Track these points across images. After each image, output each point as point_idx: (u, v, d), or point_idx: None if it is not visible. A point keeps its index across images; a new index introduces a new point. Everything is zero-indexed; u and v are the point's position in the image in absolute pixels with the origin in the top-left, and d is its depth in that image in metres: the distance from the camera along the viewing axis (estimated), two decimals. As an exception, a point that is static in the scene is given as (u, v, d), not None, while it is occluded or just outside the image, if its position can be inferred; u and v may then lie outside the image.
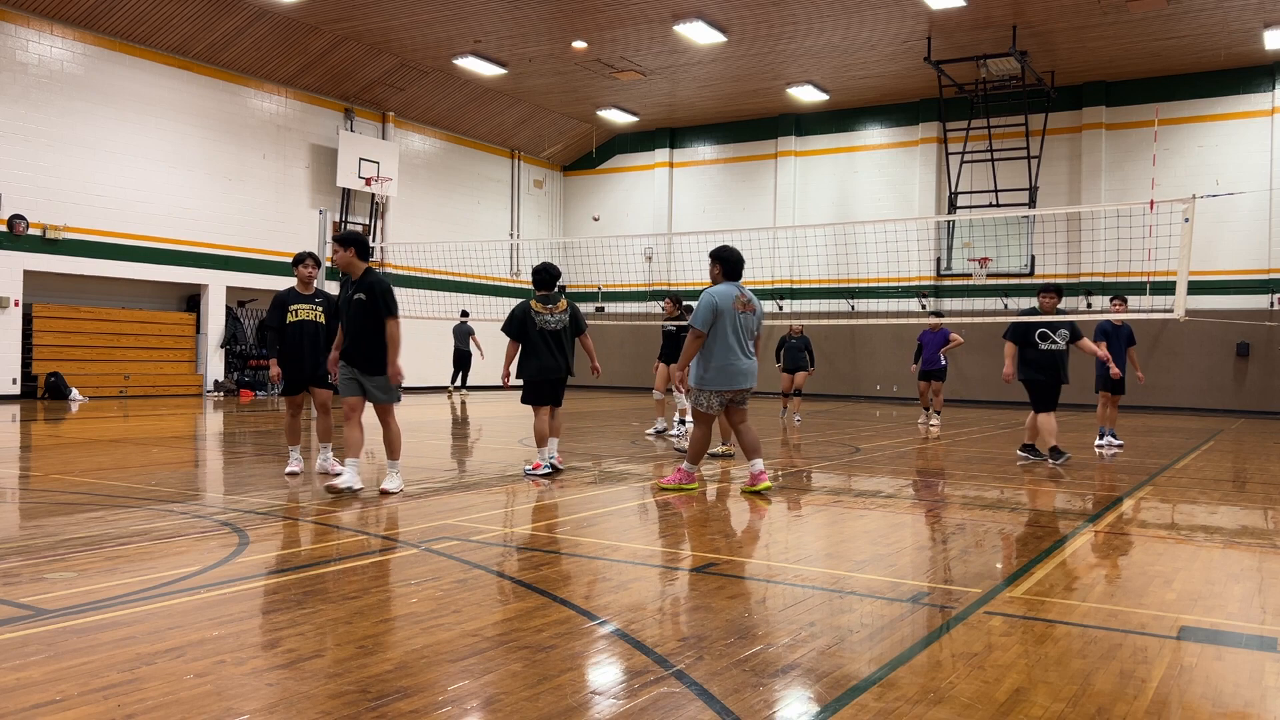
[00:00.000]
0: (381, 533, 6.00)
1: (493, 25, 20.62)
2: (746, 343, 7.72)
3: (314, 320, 8.50)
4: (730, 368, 7.61)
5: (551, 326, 8.71)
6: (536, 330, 8.68)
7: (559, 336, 8.74)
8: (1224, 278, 22.26)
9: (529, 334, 8.69)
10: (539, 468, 8.71)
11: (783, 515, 6.99)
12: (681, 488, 7.87)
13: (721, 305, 7.61)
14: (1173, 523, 6.91)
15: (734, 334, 7.61)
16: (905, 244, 22.45)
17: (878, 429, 15.55)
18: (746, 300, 7.77)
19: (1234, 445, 13.63)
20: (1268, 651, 3.79)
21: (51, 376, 18.81)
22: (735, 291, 7.71)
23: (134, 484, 7.71)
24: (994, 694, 3.23)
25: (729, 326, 7.60)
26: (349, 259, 7.43)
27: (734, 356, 7.61)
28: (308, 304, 8.52)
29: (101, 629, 3.79)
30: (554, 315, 8.73)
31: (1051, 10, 19.10)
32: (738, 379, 7.66)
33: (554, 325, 8.72)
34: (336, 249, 7.53)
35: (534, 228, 30.03)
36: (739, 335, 7.64)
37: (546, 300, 8.75)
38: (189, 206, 20.92)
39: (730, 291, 7.69)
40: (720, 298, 7.63)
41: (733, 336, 7.60)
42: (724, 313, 7.60)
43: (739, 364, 7.64)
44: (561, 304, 8.81)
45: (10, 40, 18.02)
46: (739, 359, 7.64)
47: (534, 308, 8.72)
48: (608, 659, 3.61)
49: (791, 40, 21.22)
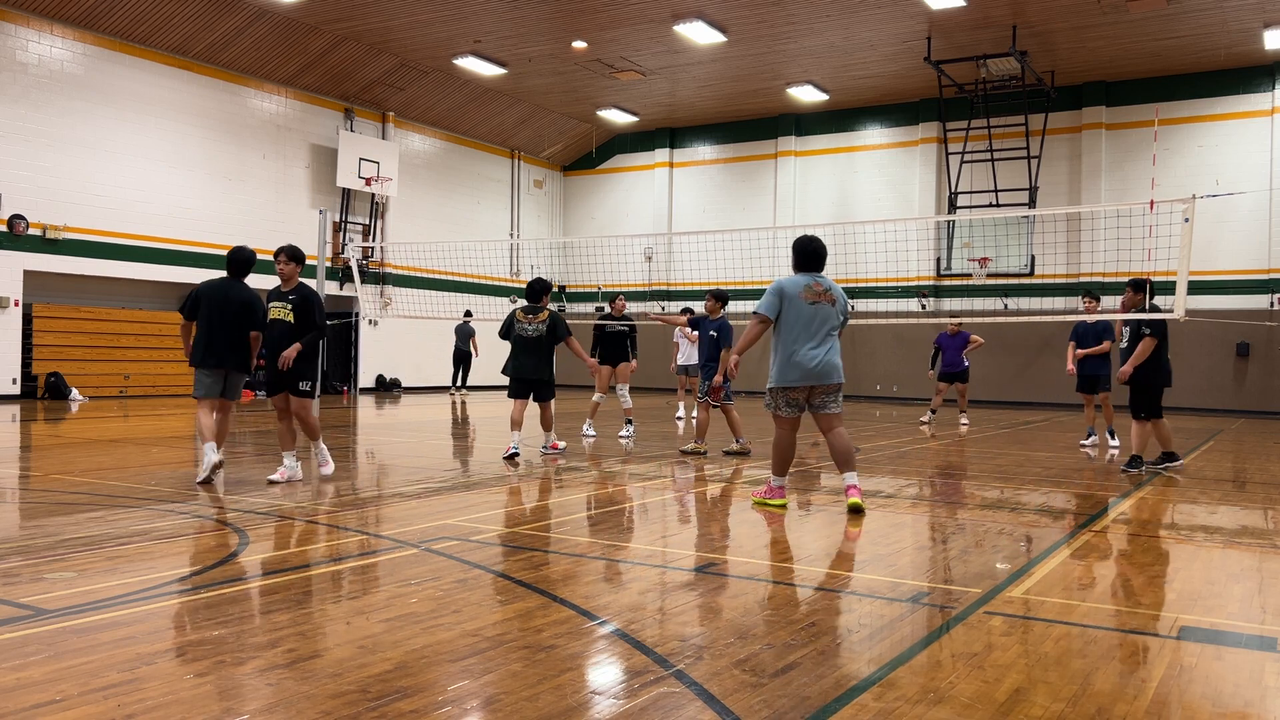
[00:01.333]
0: (381, 533, 6.00)
1: (493, 25, 20.62)
2: (820, 337, 6.90)
3: (284, 320, 8.09)
4: (795, 362, 6.86)
5: (529, 334, 10.03)
6: (516, 335, 10.08)
7: (535, 343, 10.04)
8: (1224, 278, 22.26)
9: (511, 338, 10.16)
10: (556, 446, 10.49)
11: (783, 515, 6.99)
12: (767, 503, 7.15)
13: (789, 291, 6.93)
14: (1173, 523, 6.91)
15: (804, 326, 6.86)
16: (905, 244, 22.44)
17: (877, 429, 15.55)
18: (824, 290, 6.99)
19: (1234, 445, 13.63)
20: (1268, 651, 3.79)
21: (51, 376, 18.81)
22: (808, 280, 7.01)
23: (134, 484, 7.71)
24: (994, 694, 3.23)
25: (797, 317, 6.88)
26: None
27: (800, 350, 6.85)
28: (280, 303, 8.15)
29: (101, 629, 3.79)
30: (532, 325, 10.03)
31: (1051, 10, 19.10)
32: (804, 375, 6.86)
33: (531, 333, 10.03)
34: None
35: (534, 228, 30.03)
36: (809, 328, 6.87)
37: (529, 311, 10.09)
38: (189, 206, 20.92)
39: (801, 280, 7.01)
40: (788, 284, 6.98)
41: (801, 328, 6.86)
42: (791, 300, 6.91)
43: (806, 359, 6.85)
44: (542, 315, 10.02)
45: (10, 40, 18.01)
46: (806, 353, 6.85)
47: (518, 316, 10.13)
48: (608, 659, 3.61)
49: (791, 40, 21.22)
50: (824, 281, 7.04)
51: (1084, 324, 12.44)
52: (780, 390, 6.95)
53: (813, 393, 6.93)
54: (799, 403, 6.96)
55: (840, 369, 7.00)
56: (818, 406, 6.98)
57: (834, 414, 7.01)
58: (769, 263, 25.90)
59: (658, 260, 28.77)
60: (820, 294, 6.95)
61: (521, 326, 10.04)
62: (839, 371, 6.97)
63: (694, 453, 10.71)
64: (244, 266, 8.28)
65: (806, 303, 6.89)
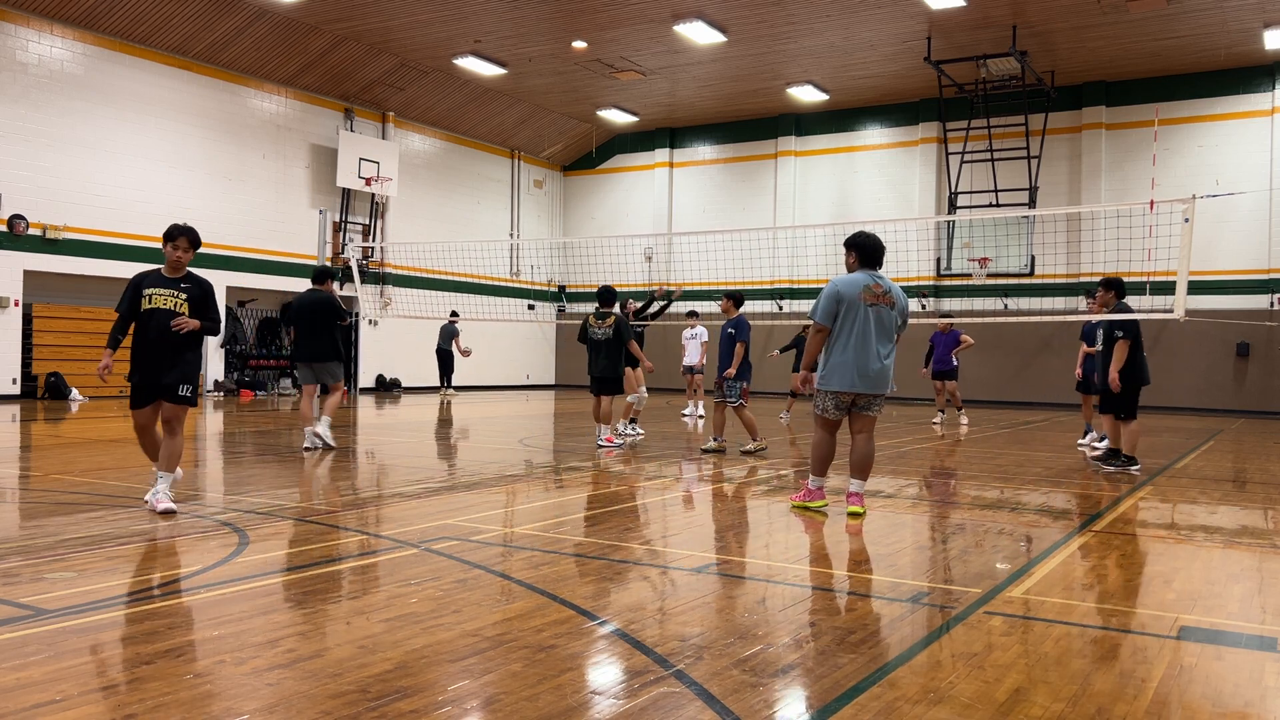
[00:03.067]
0: (381, 533, 6.00)
1: (493, 25, 20.62)
2: (880, 342, 6.60)
3: (171, 310, 6.45)
4: (850, 366, 6.57)
5: (598, 337, 11.17)
6: (589, 339, 11.24)
7: (601, 345, 11.13)
8: (1224, 278, 22.26)
9: (585, 341, 11.33)
10: (611, 440, 11.25)
11: (783, 515, 6.99)
12: (806, 506, 6.89)
13: (846, 294, 6.59)
14: (1173, 523, 6.91)
15: (860, 329, 6.55)
16: (905, 244, 22.38)
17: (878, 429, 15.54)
18: (883, 291, 6.63)
19: (1234, 445, 13.63)
20: (1268, 651, 3.79)
21: (51, 376, 18.81)
22: (867, 280, 6.63)
23: (134, 484, 7.71)
24: (994, 694, 3.23)
25: (855, 320, 6.56)
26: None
27: (857, 354, 6.55)
28: (167, 290, 6.50)
29: (101, 629, 3.79)
30: (600, 329, 11.14)
31: (1051, 10, 19.10)
32: (859, 381, 6.59)
33: (600, 336, 11.15)
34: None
35: (534, 228, 30.03)
36: (869, 332, 6.56)
37: (598, 316, 11.23)
38: (189, 206, 20.90)
39: (859, 280, 6.64)
40: (845, 285, 6.61)
41: (858, 332, 6.55)
42: (848, 303, 6.58)
43: (863, 363, 6.55)
44: (609, 320, 11.10)
45: (10, 40, 18.01)
46: (863, 358, 6.55)
47: (590, 321, 11.26)
48: (608, 659, 3.61)
49: (791, 40, 21.22)
50: (884, 282, 6.70)
51: (1091, 324, 12.39)
52: (832, 395, 6.72)
53: (859, 396, 6.72)
54: (846, 405, 6.76)
55: (891, 376, 6.75)
56: (861, 407, 6.78)
57: (871, 417, 6.83)
58: (769, 262, 25.94)
59: (658, 260, 28.76)
60: (880, 295, 6.63)
61: (592, 330, 11.20)
62: (890, 379, 6.74)
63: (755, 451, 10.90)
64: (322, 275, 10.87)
65: (865, 304, 6.57)
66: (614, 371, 11.15)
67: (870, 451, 6.88)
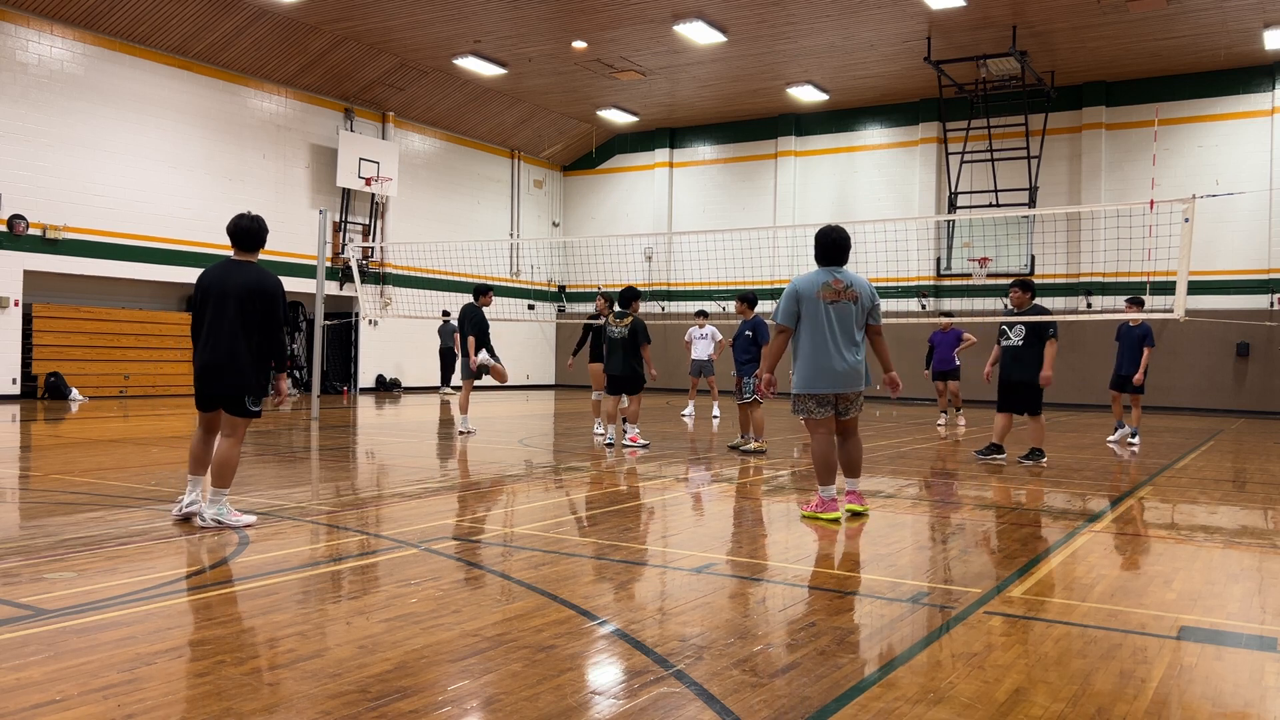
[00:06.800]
0: (381, 533, 6.00)
1: (492, 25, 20.62)
2: (844, 339, 6.53)
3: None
4: (819, 367, 6.51)
5: (615, 336, 11.28)
6: (607, 338, 11.39)
7: (618, 344, 11.24)
8: (1224, 278, 22.26)
9: (604, 340, 11.52)
10: (636, 440, 11.31)
11: (783, 515, 6.99)
12: (817, 517, 6.63)
13: (805, 293, 6.53)
14: (1173, 523, 6.91)
15: (824, 328, 6.50)
16: (905, 244, 22.43)
17: (878, 429, 15.54)
18: (844, 287, 6.54)
19: (1234, 445, 13.63)
20: (1268, 651, 3.79)
21: (51, 376, 18.80)
22: (825, 278, 6.55)
23: (134, 484, 7.71)
24: (994, 694, 3.23)
25: (817, 319, 6.50)
26: None
27: (824, 354, 6.49)
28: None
29: (101, 629, 3.78)
30: (617, 329, 11.25)
31: (1051, 10, 19.10)
32: (831, 382, 6.52)
33: (617, 335, 11.27)
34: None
35: (534, 228, 30.03)
36: (832, 329, 6.50)
37: (618, 316, 11.36)
38: (189, 206, 20.91)
39: (816, 279, 6.56)
40: (803, 285, 6.57)
41: (824, 331, 6.50)
42: (807, 302, 6.53)
43: (826, 363, 6.50)
44: (626, 320, 11.22)
45: (10, 40, 18.01)
46: (826, 357, 6.50)
47: (610, 321, 11.40)
48: (608, 659, 3.61)
49: (791, 40, 21.22)
50: (845, 276, 6.57)
51: (1126, 326, 13.08)
52: (812, 397, 6.60)
53: (839, 397, 6.63)
54: (829, 399, 6.61)
55: (864, 373, 6.64)
56: (840, 412, 6.69)
57: (851, 419, 6.73)
58: (769, 262, 25.93)
59: (658, 260, 28.76)
60: (840, 291, 6.51)
61: (610, 329, 11.37)
62: (864, 376, 6.63)
63: (755, 451, 11.02)
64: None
65: (825, 303, 6.49)
66: (631, 370, 11.18)
67: (857, 450, 6.82)
